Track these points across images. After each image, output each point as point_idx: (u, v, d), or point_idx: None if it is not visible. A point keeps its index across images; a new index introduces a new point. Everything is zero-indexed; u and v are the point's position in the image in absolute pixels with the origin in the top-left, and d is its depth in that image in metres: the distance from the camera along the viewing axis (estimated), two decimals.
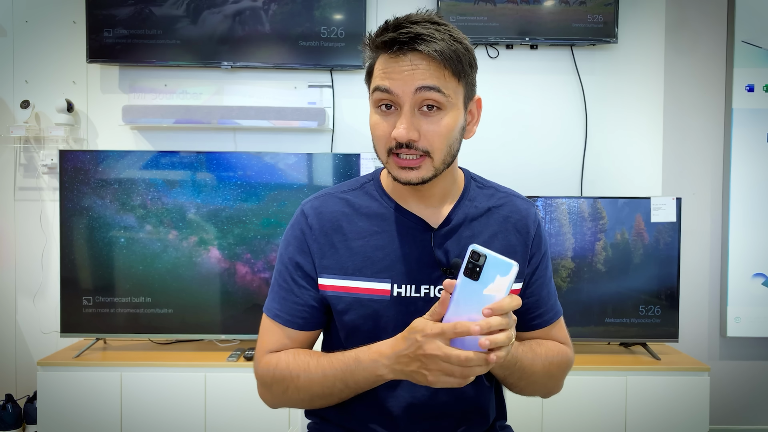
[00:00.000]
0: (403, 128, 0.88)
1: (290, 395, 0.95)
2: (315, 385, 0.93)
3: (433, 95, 0.89)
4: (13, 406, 2.33)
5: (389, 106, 0.91)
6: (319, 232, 0.99)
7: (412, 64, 0.88)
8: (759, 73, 2.55)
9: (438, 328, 0.79)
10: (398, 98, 0.89)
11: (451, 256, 0.98)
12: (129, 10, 2.37)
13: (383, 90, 0.90)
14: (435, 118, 0.90)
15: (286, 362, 0.96)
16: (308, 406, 1.02)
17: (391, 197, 1.01)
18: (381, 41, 0.90)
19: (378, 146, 0.94)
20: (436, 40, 0.88)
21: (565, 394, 2.08)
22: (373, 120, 0.93)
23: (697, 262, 2.63)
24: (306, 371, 0.94)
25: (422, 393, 0.97)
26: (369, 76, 0.95)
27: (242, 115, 2.40)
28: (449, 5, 2.41)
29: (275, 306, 1.00)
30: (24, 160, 2.50)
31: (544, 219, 2.24)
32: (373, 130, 0.94)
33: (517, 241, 1.02)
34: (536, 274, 1.04)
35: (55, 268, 2.37)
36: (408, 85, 0.88)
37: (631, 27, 2.51)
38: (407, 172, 0.91)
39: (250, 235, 2.22)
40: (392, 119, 0.91)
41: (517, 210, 1.04)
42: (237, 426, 2.07)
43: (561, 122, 2.54)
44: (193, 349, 2.26)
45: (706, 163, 2.64)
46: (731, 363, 2.64)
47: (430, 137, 0.90)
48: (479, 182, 1.07)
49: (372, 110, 0.94)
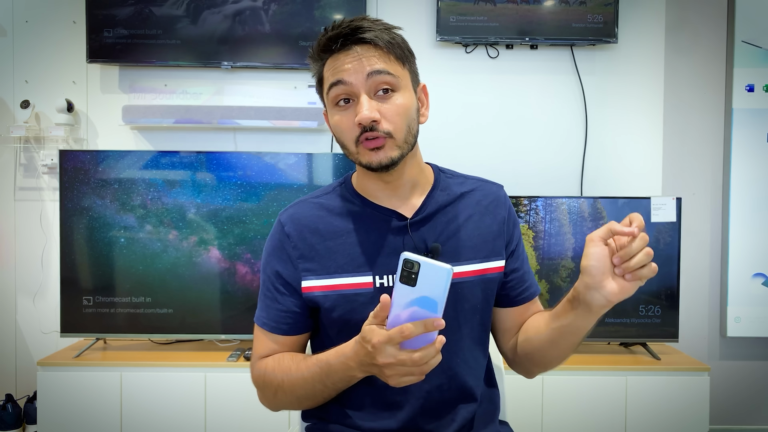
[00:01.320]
0: (366, 110, 0.92)
1: (280, 398, 1.00)
2: (298, 389, 0.97)
3: (384, 78, 0.94)
4: (13, 406, 2.33)
5: (347, 101, 0.96)
6: (297, 238, 1.02)
7: (359, 54, 0.94)
8: (759, 73, 2.55)
9: (385, 336, 0.80)
10: (353, 87, 0.94)
11: (429, 242, 1.00)
12: (129, 10, 2.37)
13: (338, 83, 0.94)
14: (390, 99, 0.95)
15: (273, 368, 1.00)
16: (299, 407, 1.06)
17: (363, 196, 1.04)
18: (325, 40, 0.96)
19: (345, 140, 0.97)
20: (375, 30, 0.95)
21: (565, 394, 2.09)
22: (335, 119, 0.97)
23: (697, 262, 2.63)
24: (288, 375, 0.98)
25: (421, 390, 0.98)
26: (320, 84, 1.00)
27: (242, 115, 2.40)
28: (449, 5, 2.41)
29: (263, 315, 1.05)
30: (24, 160, 2.51)
31: (544, 219, 2.24)
32: (337, 128, 0.98)
33: (491, 221, 1.05)
34: (517, 251, 1.08)
35: (55, 268, 2.38)
36: (360, 73, 0.93)
37: (631, 27, 2.51)
38: (377, 153, 0.95)
39: (250, 235, 2.22)
40: (352, 111, 0.95)
41: (489, 193, 1.09)
42: (237, 426, 2.07)
43: (561, 122, 2.54)
44: (193, 349, 2.26)
45: (706, 163, 2.64)
46: (731, 363, 2.64)
47: (390, 117, 0.94)
48: (448, 173, 1.11)
49: (331, 112, 0.98)
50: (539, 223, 2.24)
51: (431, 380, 0.97)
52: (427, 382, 0.97)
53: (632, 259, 0.80)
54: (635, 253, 0.80)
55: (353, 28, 0.94)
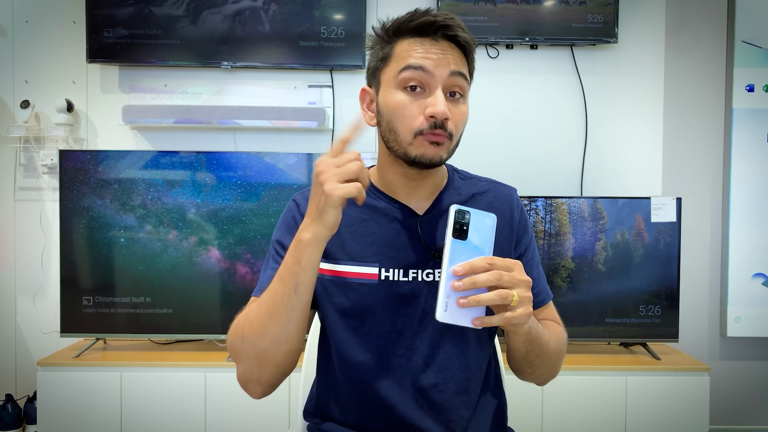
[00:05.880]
0: (443, 105, 0.90)
1: (246, 336, 0.90)
2: (262, 307, 0.89)
3: (461, 82, 0.93)
4: (13, 406, 2.33)
5: (414, 88, 0.92)
6: None
7: (446, 50, 0.92)
8: (759, 73, 2.55)
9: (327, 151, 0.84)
10: (431, 78, 0.91)
11: (438, 241, 1.00)
12: (129, 10, 2.37)
13: (417, 68, 0.91)
14: (458, 104, 0.94)
15: (242, 313, 0.96)
16: (265, 344, 0.90)
17: (379, 189, 1.03)
18: (417, 24, 0.92)
19: (402, 126, 0.93)
20: (467, 35, 0.94)
21: (565, 394, 2.09)
22: (399, 99, 0.93)
23: (697, 262, 2.63)
24: (257, 302, 0.93)
25: (420, 391, 0.97)
26: (384, 61, 0.96)
27: (242, 115, 2.40)
28: (449, 5, 2.41)
29: (259, 287, 1.01)
30: (24, 160, 2.51)
31: (544, 219, 2.24)
32: (399, 110, 0.93)
33: (501, 224, 1.03)
34: (526, 256, 1.06)
35: (55, 268, 2.38)
36: (444, 67, 0.91)
37: (631, 27, 2.51)
38: (435, 148, 0.93)
39: (250, 235, 2.22)
40: (420, 101, 0.92)
41: (501, 195, 1.07)
42: (237, 426, 2.07)
43: (561, 122, 2.54)
44: (193, 349, 2.26)
45: (706, 163, 2.64)
46: (731, 363, 2.64)
47: (456, 120, 0.93)
48: (462, 174, 1.10)
49: (393, 91, 0.94)
50: (539, 223, 2.24)
51: (429, 379, 0.97)
52: (425, 381, 0.97)
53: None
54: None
55: (449, 23, 0.92)
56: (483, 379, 1.04)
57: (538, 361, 0.98)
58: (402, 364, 0.97)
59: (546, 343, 0.97)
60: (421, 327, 0.97)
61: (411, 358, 0.97)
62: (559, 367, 1.05)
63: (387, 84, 0.95)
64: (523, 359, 0.98)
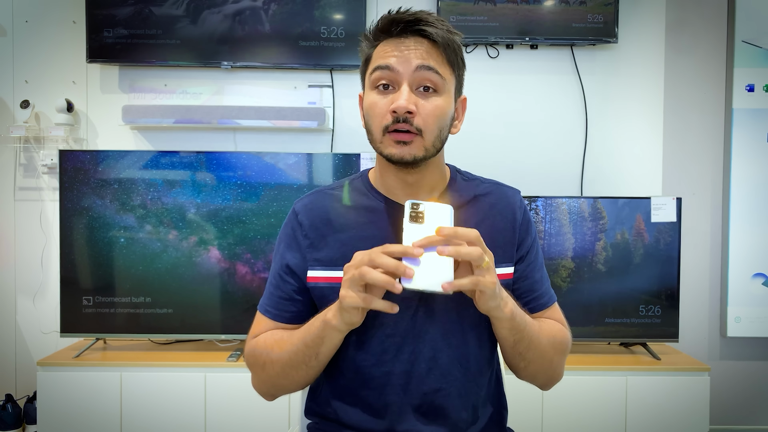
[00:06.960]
0: (404, 99, 0.91)
1: (267, 371, 0.98)
2: (285, 354, 0.96)
3: (431, 75, 0.92)
4: (13, 406, 2.33)
5: (387, 86, 0.94)
6: (309, 227, 1.02)
7: (413, 45, 0.93)
8: (759, 73, 2.55)
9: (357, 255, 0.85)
10: (398, 75, 0.92)
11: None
12: (129, 10, 2.37)
13: (384, 68, 0.93)
14: (430, 98, 0.94)
15: (264, 339, 1.00)
16: (286, 381, 0.99)
17: (379, 191, 1.03)
18: (385, 23, 0.94)
19: (374, 125, 0.96)
20: (437, 27, 0.93)
21: (565, 394, 2.09)
22: (371, 99, 0.96)
23: (697, 262, 2.63)
24: (278, 342, 0.98)
25: (420, 393, 0.97)
26: (365, 64, 0.99)
27: (242, 115, 2.40)
28: (449, 5, 2.41)
29: (266, 302, 1.06)
30: (24, 160, 2.51)
31: (544, 219, 2.24)
32: (370, 109, 0.96)
33: (504, 226, 1.03)
34: (528, 258, 1.05)
35: (55, 268, 2.38)
36: (409, 63, 0.92)
37: (631, 27, 2.51)
38: (401, 147, 0.93)
39: (250, 235, 2.22)
40: (389, 98, 0.94)
41: (503, 197, 1.06)
42: (237, 426, 2.07)
43: (561, 122, 2.54)
44: (193, 349, 2.26)
45: (706, 163, 2.64)
46: (731, 363, 2.64)
47: (425, 115, 0.93)
48: (464, 175, 1.09)
49: (368, 92, 0.97)
50: (539, 223, 2.24)
51: (431, 383, 0.97)
52: (427, 385, 0.97)
53: None
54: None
55: (416, 18, 0.93)
56: (484, 381, 1.03)
57: (529, 355, 0.98)
58: (404, 368, 0.97)
59: (536, 335, 0.96)
60: (423, 330, 0.97)
61: (413, 362, 0.97)
62: (557, 366, 1.05)
63: (367, 87, 0.98)
64: (513, 350, 0.97)
